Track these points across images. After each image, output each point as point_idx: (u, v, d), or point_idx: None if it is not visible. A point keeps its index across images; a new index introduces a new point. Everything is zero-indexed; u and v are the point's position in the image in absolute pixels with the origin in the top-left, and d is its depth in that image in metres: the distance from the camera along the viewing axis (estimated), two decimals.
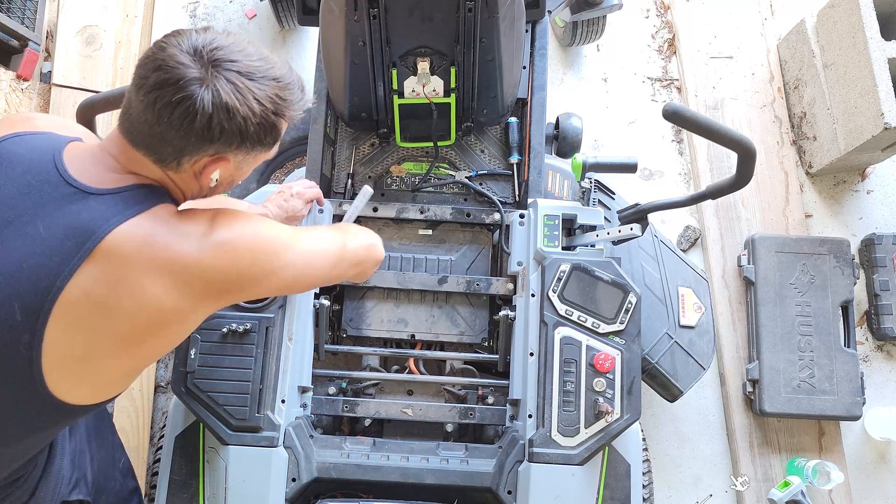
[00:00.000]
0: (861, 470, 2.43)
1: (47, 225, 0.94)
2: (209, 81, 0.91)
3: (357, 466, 1.54)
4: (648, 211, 1.64)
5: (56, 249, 0.92)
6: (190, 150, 0.95)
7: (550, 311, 1.60)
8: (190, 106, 0.90)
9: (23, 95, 2.43)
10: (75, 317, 0.93)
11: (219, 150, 0.96)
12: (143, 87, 0.92)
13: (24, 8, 2.49)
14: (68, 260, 0.91)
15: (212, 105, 0.90)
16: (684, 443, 2.44)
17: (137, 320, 0.95)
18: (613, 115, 2.77)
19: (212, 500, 1.50)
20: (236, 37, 0.97)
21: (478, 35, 1.63)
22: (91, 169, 0.99)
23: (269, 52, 1.00)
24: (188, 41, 0.93)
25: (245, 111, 0.93)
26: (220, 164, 1.00)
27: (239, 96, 0.92)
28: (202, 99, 0.90)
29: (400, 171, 1.96)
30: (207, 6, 2.80)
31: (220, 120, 0.92)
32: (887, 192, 2.72)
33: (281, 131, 1.01)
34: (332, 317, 1.79)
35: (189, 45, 0.92)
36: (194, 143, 0.94)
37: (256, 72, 0.95)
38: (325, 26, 1.71)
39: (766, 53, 2.79)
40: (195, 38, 0.93)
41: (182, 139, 0.93)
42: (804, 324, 2.37)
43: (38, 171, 0.97)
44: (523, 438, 1.55)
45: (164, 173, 1.00)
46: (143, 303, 0.95)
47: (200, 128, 0.92)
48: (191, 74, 0.90)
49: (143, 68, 0.93)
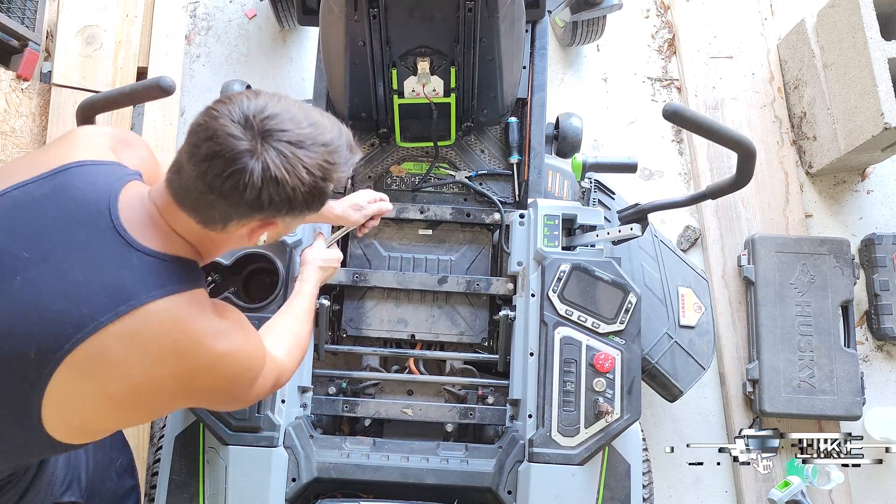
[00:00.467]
0: (861, 470, 2.43)
1: (85, 270, 0.95)
2: (260, 153, 0.91)
3: (357, 466, 1.54)
4: (648, 211, 1.64)
5: (88, 300, 0.93)
6: (238, 216, 0.96)
7: (550, 311, 1.60)
8: (241, 179, 0.90)
9: (23, 95, 2.43)
10: (85, 370, 0.94)
11: (267, 216, 0.98)
12: (194, 155, 0.92)
13: (24, 8, 2.49)
14: (97, 315, 0.92)
15: (261, 179, 0.91)
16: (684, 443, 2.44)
17: (140, 391, 0.97)
18: (613, 115, 2.77)
19: (212, 500, 1.50)
20: (286, 101, 0.97)
21: (478, 35, 1.63)
22: (139, 220, 0.99)
23: (318, 113, 1.00)
24: (239, 109, 0.92)
25: (294, 182, 0.93)
26: (268, 228, 1.02)
27: (289, 167, 0.92)
28: (253, 172, 0.90)
29: (400, 171, 1.96)
30: (207, 6, 2.80)
31: (269, 192, 0.92)
32: (887, 192, 2.72)
33: (329, 194, 1.01)
34: (332, 317, 1.79)
35: (240, 114, 0.92)
36: (243, 211, 0.95)
37: (306, 139, 0.94)
38: (325, 26, 1.71)
39: (766, 53, 2.80)
40: (246, 106, 0.93)
41: (231, 208, 0.94)
42: (804, 324, 2.37)
43: (90, 210, 0.98)
44: (523, 438, 1.55)
45: (205, 233, 1.00)
46: (150, 378, 0.97)
47: (250, 199, 0.92)
48: (242, 147, 0.90)
49: (196, 136, 0.93)
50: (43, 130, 2.47)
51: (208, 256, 1.08)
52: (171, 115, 2.58)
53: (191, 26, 2.76)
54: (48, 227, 0.96)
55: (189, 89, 2.69)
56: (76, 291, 0.93)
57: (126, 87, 1.42)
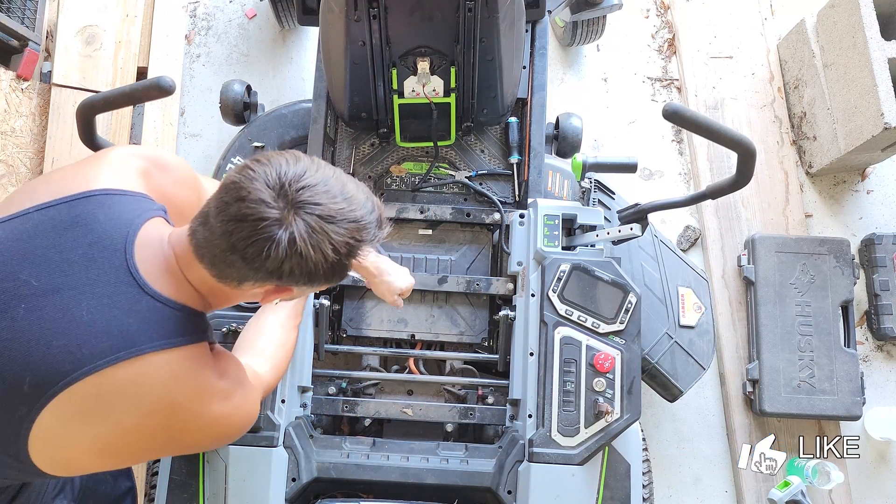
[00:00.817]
0: (861, 470, 2.43)
1: (92, 310, 0.93)
2: (288, 223, 0.89)
3: (357, 466, 1.54)
4: (648, 211, 1.64)
5: (89, 341, 0.92)
6: (255, 279, 0.94)
7: (550, 310, 1.60)
8: (265, 247, 0.88)
9: (23, 95, 2.43)
10: (76, 410, 0.92)
11: (285, 283, 0.96)
12: (223, 212, 0.90)
13: (24, 8, 2.49)
14: (96, 357, 0.91)
15: (286, 251, 0.89)
16: (684, 443, 2.44)
17: (127, 439, 0.96)
18: (613, 115, 2.77)
19: (212, 500, 1.50)
20: (324, 170, 0.94)
21: (478, 35, 1.63)
22: (154, 262, 0.98)
23: (354, 185, 0.97)
24: (276, 173, 0.90)
25: (318, 258, 0.91)
26: (282, 293, 1.00)
27: (315, 243, 0.90)
28: (279, 242, 0.88)
29: (400, 171, 1.96)
30: (207, 6, 2.80)
31: (291, 265, 0.91)
32: (887, 192, 2.72)
33: (349, 269, 1.00)
34: (332, 317, 1.79)
35: (276, 179, 0.90)
36: (262, 276, 0.93)
37: (337, 215, 0.92)
38: (325, 26, 1.71)
39: (766, 53, 2.79)
40: (284, 171, 0.90)
41: (250, 271, 0.92)
42: (804, 324, 2.37)
43: (106, 246, 0.96)
44: (523, 438, 1.55)
45: (219, 286, 0.99)
46: (140, 428, 0.96)
47: (271, 268, 0.91)
48: (271, 215, 0.88)
49: (227, 194, 0.91)
50: (43, 130, 2.47)
51: (217, 307, 1.06)
52: (171, 115, 2.57)
53: (191, 26, 2.76)
54: (62, 259, 0.95)
55: (189, 89, 2.69)
56: (79, 330, 0.92)
57: (126, 87, 1.42)
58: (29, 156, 2.43)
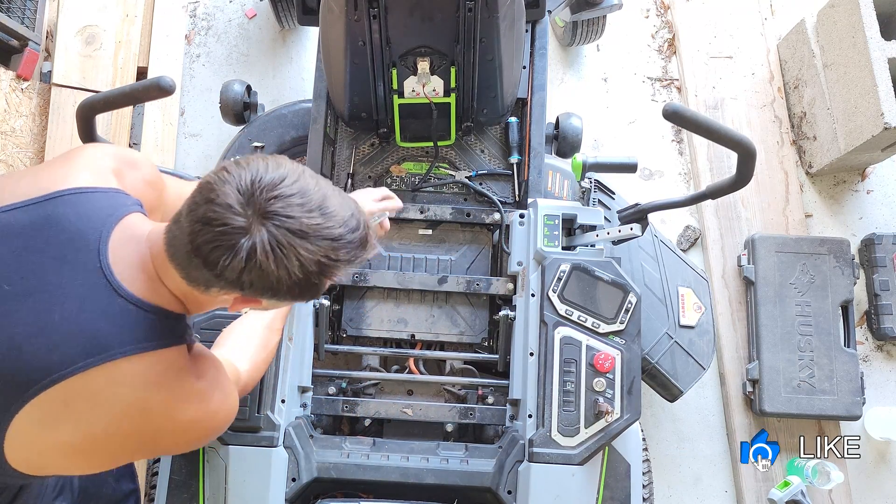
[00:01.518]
0: (861, 470, 2.43)
1: (64, 312, 0.91)
2: (253, 234, 0.84)
3: (357, 466, 1.54)
4: (648, 211, 1.64)
5: (60, 346, 0.90)
6: (219, 286, 0.90)
7: (550, 310, 1.60)
8: (224, 255, 0.84)
9: (23, 95, 2.43)
10: (48, 416, 0.91)
11: (248, 295, 0.92)
12: (192, 212, 0.87)
13: (24, 8, 2.49)
14: (67, 363, 0.89)
15: (244, 262, 0.84)
16: (684, 443, 2.44)
17: (99, 443, 0.95)
18: (613, 115, 2.77)
19: (212, 500, 1.50)
20: (306, 179, 0.89)
21: (478, 35, 1.63)
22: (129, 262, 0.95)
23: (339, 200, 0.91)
24: (249, 178, 0.86)
25: (281, 274, 0.86)
26: (250, 304, 0.96)
27: (279, 257, 0.85)
28: (238, 251, 0.84)
29: (400, 171, 1.96)
30: (207, 6, 2.80)
31: (250, 277, 0.86)
32: (887, 192, 2.72)
33: (323, 288, 0.94)
34: (332, 317, 1.79)
35: (248, 184, 0.85)
36: (223, 284, 0.89)
37: (310, 231, 0.86)
38: (325, 26, 1.71)
39: (766, 53, 2.79)
40: (258, 176, 0.86)
41: (212, 277, 0.88)
42: (804, 324, 2.37)
43: (80, 247, 0.93)
44: (523, 438, 1.55)
45: (189, 290, 0.95)
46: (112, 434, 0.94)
47: (231, 277, 0.86)
48: (235, 223, 0.84)
49: (199, 194, 0.87)
50: (43, 130, 2.47)
51: (194, 311, 1.03)
52: (171, 115, 2.58)
53: (191, 26, 2.76)
54: (33, 261, 0.92)
55: (189, 89, 2.70)
56: (51, 335, 0.90)
57: (126, 87, 1.41)
58: (29, 156, 2.43)
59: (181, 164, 2.61)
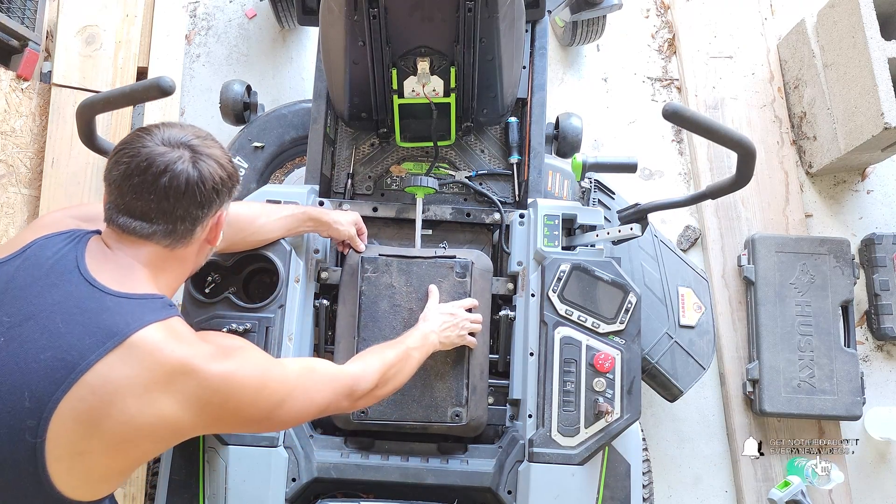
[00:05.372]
0: (861, 470, 2.43)
1: (66, 321, 0.98)
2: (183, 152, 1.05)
3: (357, 466, 1.54)
4: (648, 211, 1.64)
5: (74, 345, 0.96)
6: (203, 215, 1.08)
7: (550, 310, 1.60)
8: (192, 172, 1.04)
9: (23, 95, 2.43)
10: (81, 410, 0.94)
11: (220, 205, 1.11)
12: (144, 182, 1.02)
13: (24, 8, 2.49)
14: (86, 355, 0.95)
15: (208, 173, 1.06)
16: (684, 443, 2.44)
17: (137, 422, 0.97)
18: (613, 115, 2.77)
19: (212, 500, 1.50)
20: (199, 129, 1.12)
21: (478, 35, 1.63)
22: (106, 268, 1.04)
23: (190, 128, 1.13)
24: (160, 135, 1.06)
25: (220, 158, 1.09)
26: (221, 220, 1.14)
27: (209, 149, 1.08)
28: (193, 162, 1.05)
29: (400, 171, 1.96)
30: (207, 6, 2.80)
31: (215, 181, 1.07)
32: (887, 192, 2.72)
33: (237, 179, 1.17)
34: (331, 317, 1.79)
35: (165, 137, 1.05)
36: (206, 202, 1.06)
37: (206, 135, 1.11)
38: (325, 26, 1.71)
39: (766, 53, 2.80)
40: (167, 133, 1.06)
41: (196, 207, 1.06)
42: (804, 324, 2.37)
43: (61, 272, 1.03)
44: (523, 438, 1.55)
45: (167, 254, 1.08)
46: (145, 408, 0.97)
47: (208, 188, 1.06)
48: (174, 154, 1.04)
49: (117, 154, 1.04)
50: (43, 130, 2.47)
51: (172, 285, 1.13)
52: (171, 115, 2.57)
53: (191, 26, 2.76)
54: (24, 293, 1.00)
55: (189, 89, 2.70)
56: (61, 340, 0.96)
57: (126, 87, 1.42)
58: (29, 156, 2.43)
59: None
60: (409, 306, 1.64)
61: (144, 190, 1.02)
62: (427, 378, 1.61)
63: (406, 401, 1.60)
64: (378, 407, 1.58)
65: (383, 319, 1.63)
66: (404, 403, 1.60)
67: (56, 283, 1.01)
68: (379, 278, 1.65)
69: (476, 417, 1.61)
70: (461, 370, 1.62)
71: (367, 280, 1.64)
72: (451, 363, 1.62)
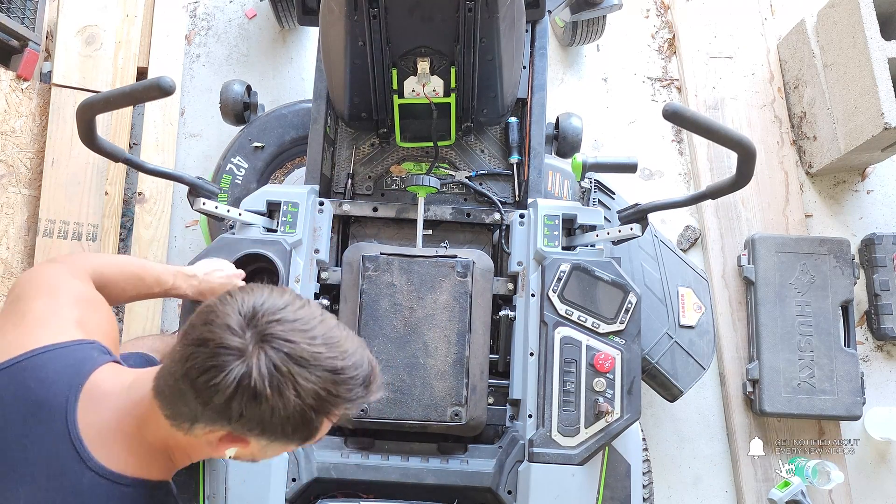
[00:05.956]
0: (861, 470, 2.43)
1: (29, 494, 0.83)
2: (249, 356, 0.79)
3: (357, 466, 1.54)
4: (648, 211, 1.63)
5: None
6: (205, 420, 0.83)
7: (550, 310, 1.60)
8: (215, 377, 0.78)
9: (23, 95, 2.43)
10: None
11: (236, 430, 0.84)
12: (187, 335, 0.83)
13: (24, 8, 2.49)
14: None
15: (236, 385, 0.78)
16: (684, 443, 2.44)
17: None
18: (613, 115, 2.77)
19: (212, 500, 1.50)
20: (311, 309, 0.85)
21: (478, 35, 1.63)
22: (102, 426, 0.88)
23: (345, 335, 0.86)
24: (252, 302, 0.82)
25: (275, 403, 0.79)
26: (236, 444, 0.88)
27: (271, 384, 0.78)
28: (230, 373, 0.78)
29: (400, 171, 1.96)
30: (207, 6, 2.80)
31: (241, 403, 0.79)
32: (887, 192, 2.72)
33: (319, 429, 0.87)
34: None
35: (250, 307, 0.81)
36: (210, 415, 0.82)
37: (311, 359, 0.80)
38: (325, 26, 1.71)
39: (766, 53, 2.80)
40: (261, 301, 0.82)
41: (200, 406, 0.81)
42: (804, 324, 2.37)
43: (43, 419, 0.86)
44: (523, 438, 1.55)
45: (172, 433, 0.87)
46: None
47: (218, 403, 0.80)
48: (233, 343, 0.79)
49: (198, 316, 0.84)
50: (43, 130, 2.47)
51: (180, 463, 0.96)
52: (171, 115, 2.58)
53: (191, 26, 2.76)
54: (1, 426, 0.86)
55: (189, 89, 2.70)
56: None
57: (126, 87, 1.41)
58: (29, 156, 2.43)
59: (181, 164, 2.61)
60: (410, 305, 1.64)
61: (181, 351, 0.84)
62: (427, 377, 1.61)
63: (406, 399, 1.60)
64: (377, 405, 1.58)
65: (384, 318, 1.63)
66: (404, 402, 1.60)
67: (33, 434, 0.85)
68: (380, 277, 1.65)
69: (475, 417, 1.61)
70: (461, 370, 1.61)
71: (369, 279, 1.64)
72: (451, 363, 1.62)
